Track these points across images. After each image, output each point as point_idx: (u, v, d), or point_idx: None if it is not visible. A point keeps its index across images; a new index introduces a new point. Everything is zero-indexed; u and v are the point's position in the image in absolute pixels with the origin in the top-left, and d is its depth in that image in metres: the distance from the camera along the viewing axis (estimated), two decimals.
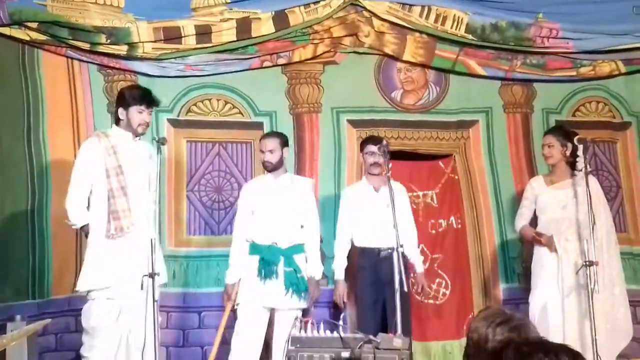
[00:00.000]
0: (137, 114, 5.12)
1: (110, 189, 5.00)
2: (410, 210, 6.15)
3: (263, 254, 5.57)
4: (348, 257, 6.01)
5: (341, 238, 6.01)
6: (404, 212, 5.93)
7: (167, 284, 5.50)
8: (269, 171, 5.72)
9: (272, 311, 5.57)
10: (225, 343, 5.60)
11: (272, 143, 5.70)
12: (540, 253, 5.86)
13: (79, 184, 5.05)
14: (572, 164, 5.88)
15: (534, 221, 6.04)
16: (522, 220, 6.07)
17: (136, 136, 5.16)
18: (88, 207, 5.06)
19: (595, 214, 5.63)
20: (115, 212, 4.98)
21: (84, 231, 5.12)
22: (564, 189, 5.85)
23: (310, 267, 5.70)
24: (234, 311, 5.63)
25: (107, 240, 4.97)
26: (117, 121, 5.19)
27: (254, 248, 5.61)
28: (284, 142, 5.76)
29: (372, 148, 5.92)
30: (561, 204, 5.84)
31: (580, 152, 5.72)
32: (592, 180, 5.86)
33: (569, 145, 5.85)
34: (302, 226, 5.70)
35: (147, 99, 5.18)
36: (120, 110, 5.16)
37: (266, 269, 5.55)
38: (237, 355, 5.54)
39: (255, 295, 5.54)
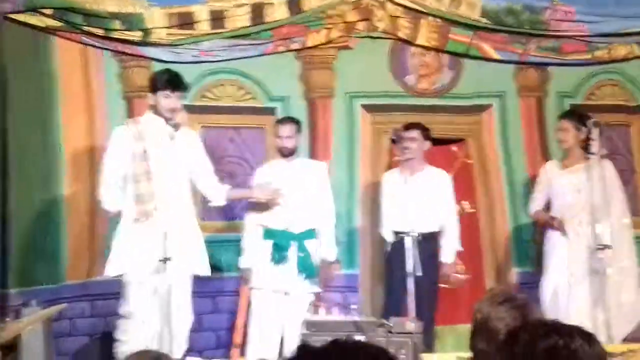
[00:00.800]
0: (164, 98, 5.12)
1: (135, 173, 5.05)
2: (450, 195, 6.17)
3: (276, 239, 5.61)
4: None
5: (386, 224, 6.09)
6: (444, 197, 5.98)
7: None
8: (285, 156, 5.74)
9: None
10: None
11: (290, 129, 5.73)
12: (552, 237, 5.88)
13: (110, 172, 5.12)
14: (586, 148, 5.86)
15: (547, 206, 6.05)
16: (536, 204, 6.08)
17: (168, 121, 5.05)
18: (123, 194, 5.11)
19: (609, 197, 5.63)
20: (141, 195, 5.03)
21: (119, 217, 5.17)
22: (578, 173, 5.85)
23: (324, 249, 5.73)
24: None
25: (135, 224, 5.02)
26: (151, 106, 5.21)
27: (268, 233, 5.66)
28: (299, 128, 5.81)
29: (407, 133, 6.01)
30: (575, 188, 5.84)
31: (594, 136, 5.71)
32: (607, 164, 5.86)
33: (583, 129, 5.84)
34: (317, 208, 5.73)
35: (172, 82, 5.15)
36: (150, 96, 5.19)
37: (279, 253, 5.60)
38: (255, 340, 5.59)
39: (268, 280, 5.58)
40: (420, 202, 5.52)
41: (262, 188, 5.53)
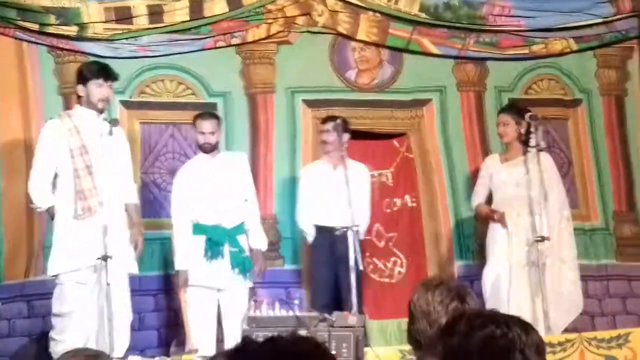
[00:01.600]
0: (96, 88, 5.08)
1: (75, 168, 4.99)
2: (366, 190, 6.18)
3: (209, 234, 5.57)
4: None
5: (304, 216, 6.08)
6: (360, 192, 5.97)
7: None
8: (207, 152, 5.70)
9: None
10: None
11: (212, 125, 5.70)
12: (493, 229, 5.96)
13: (41, 166, 5.02)
14: (525, 142, 5.94)
15: (489, 199, 6.12)
16: (478, 198, 6.15)
17: (100, 113, 5.07)
18: (53, 190, 5.00)
19: (548, 190, 5.73)
20: (82, 191, 4.96)
21: (49, 214, 5.07)
22: (518, 167, 5.93)
23: (254, 239, 5.71)
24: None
25: (76, 221, 4.93)
26: (79, 100, 5.12)
27: (199, 228, 5.62)
28: (220, 122, 5.80)
29: (322, 126, 5.98)
30: (515, 181, 5.92)
31: (533, 129, 5.80)
32: (546, 157, 5.95)
33: (523, 123, 5.92)
34: (246, 200, 5.70)
35: (104, 71, 5.13)
36: (80, 87, 5.13)
37: (213, 249, 5.56)
38: (195, 338, 5.54)
39: (201, 277, 5.54)
40: (348, 195, 5.50)
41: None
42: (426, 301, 2.59)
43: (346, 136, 6.05)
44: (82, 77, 5.12)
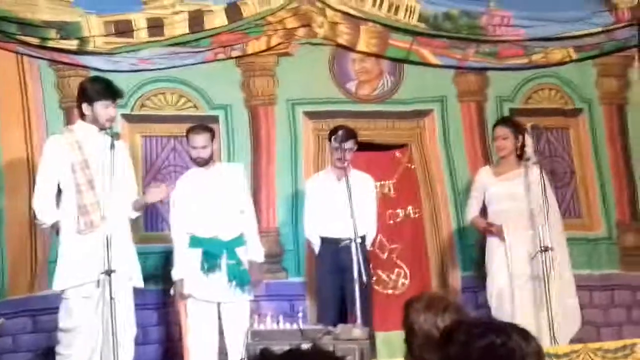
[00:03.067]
0: (104, 109, 5.04)
1: (77, 183, 4.96)
2: (373, 200, 6.14)
3: (206, 247, 5.55)
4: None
5: (310, 227, 6.04)
6: (366, 202, 5.95)
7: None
8: (200, 166, 5.68)
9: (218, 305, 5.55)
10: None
11: (204, 139, 5.63)
12: (491, 243, 5.96)
13: (44, 182, 5.01)
14: (519, 156, 5.99)
15: (482, 212, 6.11)
16: (472, 211, 6.14)
17: (102, 130, 5.05)
18: (58, 205, 4.99)
19: (545, 203, 5.75)
20: (84, 206, 4.94)
21: (54, 229, 5.06)
22: (514, 180, 5.97)
23: (251, 251, 5.68)
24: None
25: (79, 236, 4.92)
26: (82, 116, 5.11)
27: (195, 241, 5.59)
28: (213, 135, 5.73)
29: (336, 144, 5.87)
30: (510, 195, 5.93)
31: (528, 142, 5.85)
32: (538, 170, 5.97)
33: (519, 137, 5.95)
34: (242, 211, 5.68)
35: (110, 91, 5.08)
36: (85, 106, 5.07)
37: (210, 262, 5.52)
38: (194, 352, 5.52)
39: (199, 290, 5.51)
40: (354, 205, 5.46)
41: (152, 190, 5.38)
42: (435, 325, 2.55)
43: (355, 147, 6.01)
44: (88, 97, 5.08)
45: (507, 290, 5.78)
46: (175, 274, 5.60)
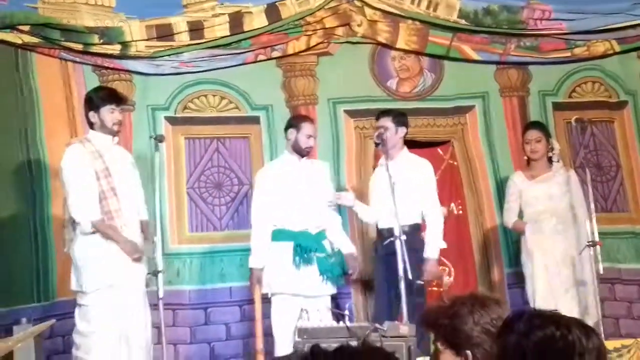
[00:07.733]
0: (109, 113, 5.18)
1: (102, 190, 5.07)
2: (431, 185, 5.83)
3: (298, 240, 5.53)
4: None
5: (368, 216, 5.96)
6: (421, 186, 5.75)
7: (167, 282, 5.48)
8: (303, 156, 5.69)
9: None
10: (267, 334, 5.55)
11: (315, 129, 5.77)
12: (528, 244, 5.95)
13: (80, 186, 5.06)
14: (549, 158, 6.09)
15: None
16: (513, 215, 6.15)
17: (113, 136, 5.22)
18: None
19: (578, 201, 5.75)
20: (109, 212, 5.06)
21: (94, 226, 5.11)
22: (548, 182, 6.02)
23: (345, 244, 5.71)
24: (265, 298, 5.57)
25: (103, 241, 5.03)
26: (91, 125, 5.22)
27: (285, 234, 5.56)
28: None
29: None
30: (547, 196, 5.95)
31: (555, 145, 6.10)
32: (572, 171, 6.01)
33: (550, 140, 6.10)
34: (329, 204, 5.72)
35: (115, 97, 5.26)
36: (92, 114, 5.21)
37: (302, 256, 5.49)
38: (281, 346, 5.45)
39: (290, 284, 5.50)
40: (402, 189, 5.37)
41: (128, 244, 5.16)
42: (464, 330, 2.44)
43: (402, 130, 5.87)
44: (93, 104, 5.20)
45: (546, 293, 5.79)
46: (254, 263, 5.57)
